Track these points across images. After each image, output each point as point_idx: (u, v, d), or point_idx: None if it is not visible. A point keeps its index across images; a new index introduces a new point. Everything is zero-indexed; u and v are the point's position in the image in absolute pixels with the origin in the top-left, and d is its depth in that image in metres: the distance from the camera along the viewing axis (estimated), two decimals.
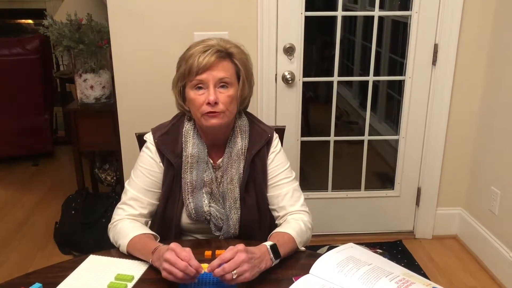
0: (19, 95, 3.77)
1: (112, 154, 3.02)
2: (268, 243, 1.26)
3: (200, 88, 1.36)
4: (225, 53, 1.37)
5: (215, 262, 1.14)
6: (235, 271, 1.13)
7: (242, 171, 1.45)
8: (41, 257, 2.69)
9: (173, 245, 1.17)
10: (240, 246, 1.16)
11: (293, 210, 1.47)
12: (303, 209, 1.48)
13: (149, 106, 2.46)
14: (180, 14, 2.37)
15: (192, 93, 1.37)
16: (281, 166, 1.49)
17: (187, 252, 1.14)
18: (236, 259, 1.14)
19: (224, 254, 1.15)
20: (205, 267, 1.16)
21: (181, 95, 1.44)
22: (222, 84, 1.36)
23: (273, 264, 1.24)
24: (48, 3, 5.64)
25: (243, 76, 1.42)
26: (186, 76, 1.37)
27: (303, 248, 1.38)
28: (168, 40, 2.39)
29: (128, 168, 2.47)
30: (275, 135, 1.53)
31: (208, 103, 1.34)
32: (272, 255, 1.23)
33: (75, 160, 2.94)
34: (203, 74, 1.34)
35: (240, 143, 1.45)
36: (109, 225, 1.44)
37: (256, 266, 1.17)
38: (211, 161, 1.47)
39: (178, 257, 1.13)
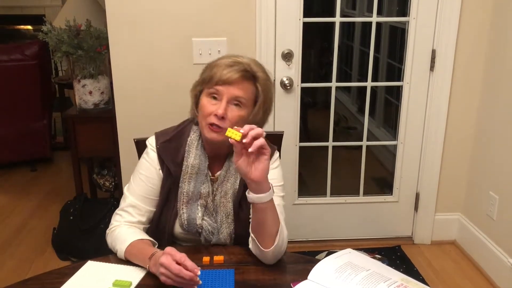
0: (18, 100, 3.78)
1: (111, 159, 3.02)
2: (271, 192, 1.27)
3: (214, 98, 1.37)
4: (251, 75, 1.37)
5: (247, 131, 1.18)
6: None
7: (237, 186, 1.44)
8: (39, 263, 2.68)
9: (168, 249, 1.18)
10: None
11: None
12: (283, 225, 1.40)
13: (147, 111, 2.46)
14: (178, 20, 2.37)
15: (205, 100, 1.38)
16: (275, 182, 1.45)
17: (182, 255, 1.15)
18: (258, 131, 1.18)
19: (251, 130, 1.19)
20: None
21: (196, 100, 1.45)
22: (236, 102, 1.36)
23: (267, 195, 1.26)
24: (47, 9, 5.67)
25: (261, 101, 1.41)
26: (205, 82, 1.39)
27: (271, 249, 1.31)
28: (167, 46, 2.40)
29: (126, 174, 2.47)
30: (276, 153, 1.52)
31: (215, 115, 1.34)
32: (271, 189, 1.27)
33: (74, 166, 2.93)
34: (221, 86, 1.35)
35: None
36: (107, 231, 1.44)
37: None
38: (210, 173, 1.47)
39: (173, 260, 1.13)
